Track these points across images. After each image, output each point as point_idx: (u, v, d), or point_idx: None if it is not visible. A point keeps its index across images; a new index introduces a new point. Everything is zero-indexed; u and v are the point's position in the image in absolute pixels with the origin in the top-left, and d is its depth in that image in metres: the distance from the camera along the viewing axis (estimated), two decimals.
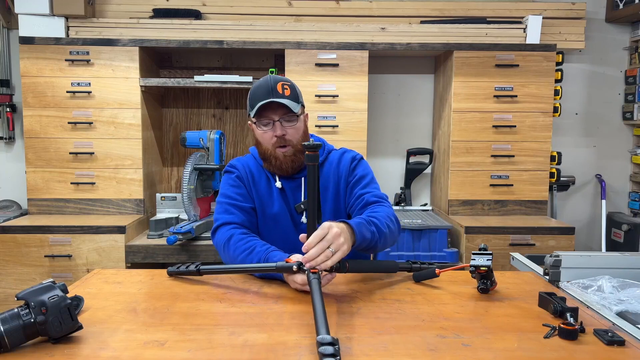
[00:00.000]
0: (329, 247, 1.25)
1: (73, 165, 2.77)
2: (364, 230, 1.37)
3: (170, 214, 2.79)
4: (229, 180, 1.67)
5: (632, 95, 3.25)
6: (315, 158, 1.31)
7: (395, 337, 1.07)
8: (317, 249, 1.25)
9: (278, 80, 1.57)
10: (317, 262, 1.24)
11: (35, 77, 2.73)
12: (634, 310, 1.22)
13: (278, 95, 1.54)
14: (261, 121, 1.58)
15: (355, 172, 1.68)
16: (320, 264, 1.24)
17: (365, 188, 1.64)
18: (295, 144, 1.60)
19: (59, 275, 2.52)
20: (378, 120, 3.28)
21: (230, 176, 1.68)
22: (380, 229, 1.44)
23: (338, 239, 1.27)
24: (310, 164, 1.31)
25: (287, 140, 1.58)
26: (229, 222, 1.59)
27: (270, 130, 1.58)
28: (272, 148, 1.60)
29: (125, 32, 2.81)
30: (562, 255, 1.46)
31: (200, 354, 0.99)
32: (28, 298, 1.00)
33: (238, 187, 1.65)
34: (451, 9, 3.05)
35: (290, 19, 3.03)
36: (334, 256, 1.25)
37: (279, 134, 1.56)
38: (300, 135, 1.61)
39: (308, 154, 1.30)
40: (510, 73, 2.84)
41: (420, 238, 2.64)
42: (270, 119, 1.57)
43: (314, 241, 1.25)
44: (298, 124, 1.60)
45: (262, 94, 1.55)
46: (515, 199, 2.91)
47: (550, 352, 1.01)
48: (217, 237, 1.60)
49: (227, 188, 1.66)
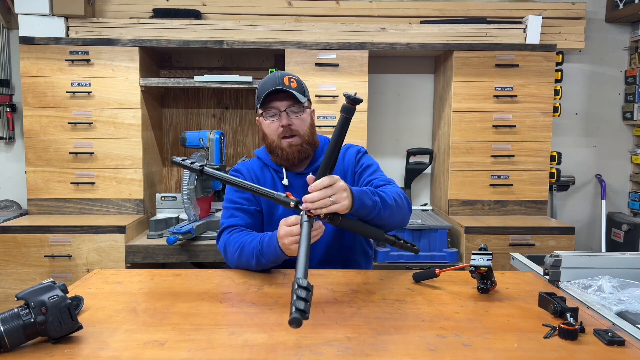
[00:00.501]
0: (331, 196, 1.28)
1: (73, 165, 2.77)
2: (364, 197, 1.38)
3: (170, 214, 2.79)
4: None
5: (632, 95, 3.25)
6: (351, 112, 1.29)
7: (395, 337, 1.07)
8: (320, 193, 1.28)
9: (285, 74, 1.60)
10: (316, 205, 1.28)
11: (35, 77, 2.73)
12: (634, 310, 1.22)
13: (285, 87, 1.57)
14: (268, 112, 1.60)
15: (361, 163, 1.71)
16: (317, 209, 1.28)
17: (372, 175, 1.67)
18: (302, 134, 1.61)
19: (59, 275, 2.52)
20: (378, 120, 3.28)
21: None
22: (384, 200, 1.45)
23: (342, 192, 1.30)
24: (345, 115, 1.29)
25: (293, 130, 1.60)
26: (232, 225, 1.61)
27: (276, 120, 1.60)
28: (277, 139, 1.61)
29: (125, 32, 2.81)
30: (562, 255, 1.46)
31: (200, 354, 0.99)
32: (28, 298, 1.00)
33: (242, 191, 1.66)
34: (451, 9, 3.05)
35: (290, 19, 3.03)
36: (332, 206, 1.29)
37: (285, 123, 1.58)
38: (307, 127, 1.63)
39: (346, 105, 1.28)
40: (510, 73, 2.84)
41: (420, 238, 2.64)
42: (277, 109, 1.59)
43: (320, 185, 1.29)
44: (304, 115, 1.62)
45: (269, 85, 1.58)
46: (515, 199, 2.91)
47: (550, 352, 1.02)
48: (220, 241, 1.62)
49: (231, 193, 1.68)
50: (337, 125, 1.31)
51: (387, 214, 1.45)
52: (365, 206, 1.38)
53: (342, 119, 1.29)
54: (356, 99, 1.25)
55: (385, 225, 1.50)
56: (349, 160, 1.71)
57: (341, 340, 1.05)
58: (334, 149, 1.32)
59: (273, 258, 1.45)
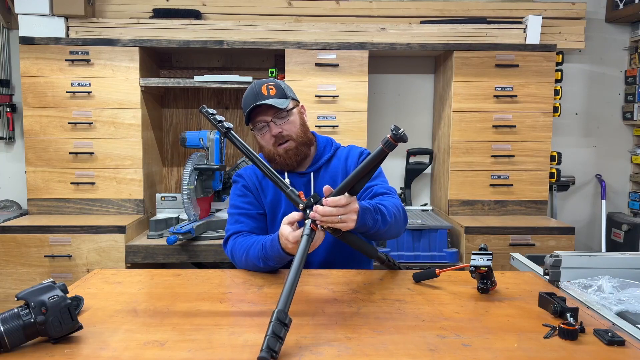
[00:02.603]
0: (341, 215, 1.29)
1: (73, 165, 2.77)
2: (367, 217, 1.39)
3: (170, 214, 2.79)
4: (236, 191, 1.72)
5: (632, 95, 3.25)
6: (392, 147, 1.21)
7: (395, 337, 1.07)
8: (333, 210, 1.29)
9: (262, 83, 1.62)
10: (324, 219, 1.29)
11: (35, 77, 2.73)
12: (634, 310, 1.22)
13: (263, 98, 1.58)
14: (256, 126, 1.63)
15: None
16: (324, 223, 1.30)
17: (373, 180, 1.67)
18: (295, 137, 1.63)
19: (59, 275, 2.52)
20: (378, 120, 3.28)
21: (237, 186, 1.72)
22: (384, 218, 1.46)
23: (352, 214, 1.31)
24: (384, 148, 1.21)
25: (284, 136, 1.61)
26: (238, 232, 1.64)
27: (267, 131, 1.62)
28: (273, 148, 1.63)
29: (125, 32, 2.81)
30: (562, 255, 1.46)
31: (200, 354, 0.99)
32: (28, 298, 1.00)
33: (245, 196, 1.69)
34: (451, 9, 3.05)
35: (290, 19, 3.03)
36: (339, 224, 1.30)
37: (275, 132, 1.60)
38: (297, 128, 1.64)
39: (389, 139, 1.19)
40: (510, 73, 2.84)
41: (420, 238, 2.64)
42: (264, 121, 1.61)
43: (336, 203, 1.29)
44: (292, 118, 1.63)
45: (250, 101, 1.60)
46: (515, 199, 2.91)
47: (550, 352, 1.02)
48: (227, 247, 1.64)
49: (235, 199, 1.71)
50: (372, 154, 1.26)
51: (385, 230, 1.48)
52: (367, 225, 1.40)
53: (380, 150, 1.23)
54: (401, 137, 1.18)
55: (380, 238, 1.56)
56: (351, 161, 1.71)
57: (341, 340, 1.05)
58: (362, 174, 1.29)
59: (278, 259, 1.47)
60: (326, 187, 1.33)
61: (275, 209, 1.67)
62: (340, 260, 1.66)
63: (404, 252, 2.63)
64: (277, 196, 1.67)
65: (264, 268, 1.52)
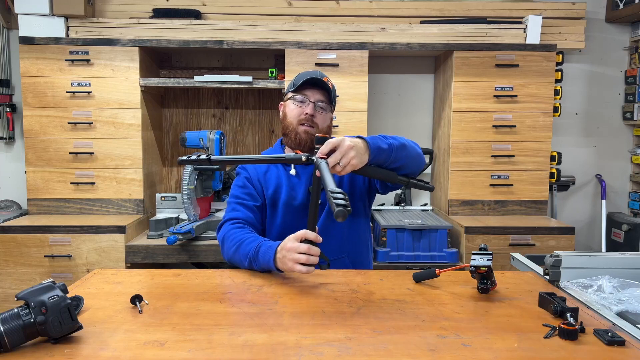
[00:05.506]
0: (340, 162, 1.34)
1: (73, 165, 2.77)
2: (379, 142, 1.43)
3: (170, 214, 2.79)
4: (237, 182, 1.78)
5: (632, 95, 3.25)
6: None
7: (395, 337, 1.07)
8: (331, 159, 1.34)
9: (324, 75, 1.72)
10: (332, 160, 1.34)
11: (35, 77, 2.73)
12: (634, 310, 1.22)
13: (324, 82, 1.69)
14: (299, 96, 1.69)
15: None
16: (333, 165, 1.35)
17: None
18: (320, 129, 1.71)
19: (59, 275, 2.52)
20: (378, 120, 3.28)
21: (240, 177, 1.79)
22: (399, 141, 1.50)
23: (349, 152, 1.35)
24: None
25: (314, 122, 1.69)
26: (233, 218, 1.69)
27: (304, 107, 1.69)
28: (296, 123, 1.70)
29: (125, 32, 2.81)
30: (562, 255, 1.46)
31: (200, 354, 0.99)
32: (28, 298, 1.00)
33: (245, 187, 1.75)
34: (451, 9, 3.05)
35: (290, 19, 3.03)
36: (343, 170, 1.35)
37: (310, 112, 1.68)
38: (326, 125, 1.73)
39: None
40: (510, 73, 2.84)
41: (420, 238, 2.64)
42: (307, 98, 1.69)
43: (325, 150, 1.34)
44: (327, 114, 1.73)
45: (310, 74, 1.69)
46: (515, 199, 2.91)
47: (550, 352, 1.01)
48: (220, 232, 1.69)
49: (235, 189, 1.77)
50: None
51: (404, 155, 1.50)
52: (382, 149, 1.43)
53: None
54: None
55: (404, 166, 1.54)
56: None
57: (341, 340, 1.05)
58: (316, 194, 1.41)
59: (264, 267, 1.50)
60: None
61: (276, 200, 1.72)
62: (349, 253, 1.72)
63: (404, 252, 2.63)
64: (278, 187, 1.72)
65: (247, 267, 1.55)
